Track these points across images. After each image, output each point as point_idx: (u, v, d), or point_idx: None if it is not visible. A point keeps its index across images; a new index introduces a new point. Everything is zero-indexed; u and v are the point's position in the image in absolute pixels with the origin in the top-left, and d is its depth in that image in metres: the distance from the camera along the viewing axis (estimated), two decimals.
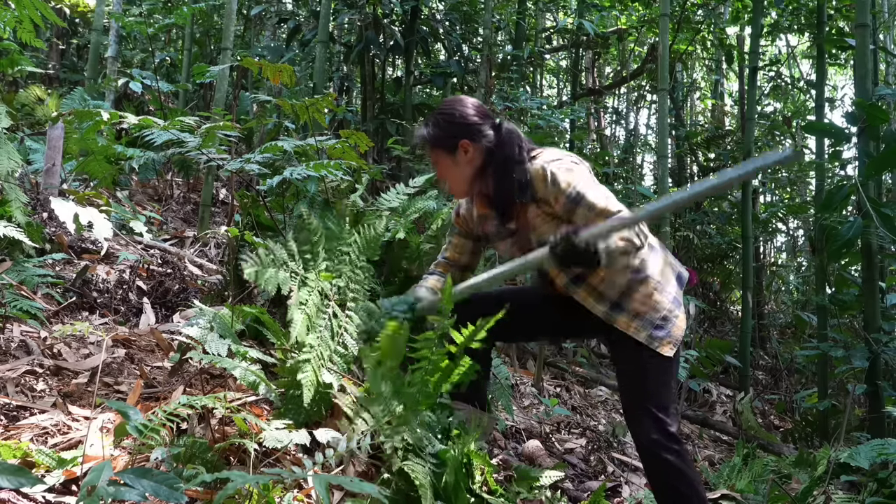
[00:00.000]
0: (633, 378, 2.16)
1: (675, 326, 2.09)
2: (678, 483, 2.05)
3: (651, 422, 2.06)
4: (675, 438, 2.07)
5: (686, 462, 2.07)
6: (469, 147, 2.15)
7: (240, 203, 3.20)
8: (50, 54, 8.06)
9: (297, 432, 1.87)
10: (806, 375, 6.79)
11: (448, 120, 2.18)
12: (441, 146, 2.18)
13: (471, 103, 2.22)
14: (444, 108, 2.23)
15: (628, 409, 2.18)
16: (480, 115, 2.19)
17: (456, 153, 2.16)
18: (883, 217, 3.73)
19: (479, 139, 2.16)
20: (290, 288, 2.20)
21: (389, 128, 6.31)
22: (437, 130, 2.18)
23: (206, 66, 4.05)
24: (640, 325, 2.08)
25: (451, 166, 2.18)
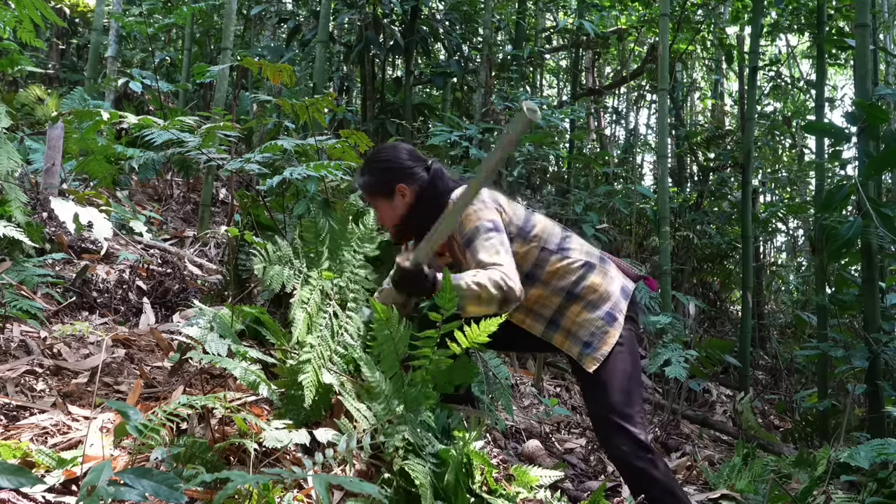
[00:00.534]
0: (586, 393, 2.28)
1: (602, 342, 2.18)
2: (653, 490, 2.11)
3: (616, 433, 2.13)
4: (644, 446, 2.12)
5: (658, 468, 2.12)
6: (406, 190, 2.26)
7: (240, 203, 3.20)
8: (50, 54, 8.06)
9: (297, 432, 1.87)
10: (806, 375, 6.79)
11: (384, 167, 2.29)
12: (379, 192, 2.29)
13: (403, 148, 2.35)
14: (379, 156, 2.34)
15: (593, 421, 2.28)
16: (413, 159, 2.31)
17: (393, 197, 2.27)
18: (883, 217, 3.73)
19: (413, 182, 2.26)
20: (294, 286, 2.21)
21: (389, 128, 6.31)
22: (373, 178, 2.29)
23: (206, 66, 4.05)
24: (572, 342, 2.21)
25: (389, 210, 2.29)
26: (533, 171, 6.73)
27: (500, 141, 1.87)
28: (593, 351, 2.16)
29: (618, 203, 5.98)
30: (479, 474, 2.08)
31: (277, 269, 2.19)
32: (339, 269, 2.39)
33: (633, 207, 5.67)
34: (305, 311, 2.11)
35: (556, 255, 2.22)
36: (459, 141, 4.82)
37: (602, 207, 6.29)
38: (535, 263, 2.21)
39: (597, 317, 2.19)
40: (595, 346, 2.16)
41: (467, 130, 4.91)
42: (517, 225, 2.23)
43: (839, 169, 6.86)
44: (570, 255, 2.23)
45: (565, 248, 2.25)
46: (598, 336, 2.17)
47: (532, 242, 2.22)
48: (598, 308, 2.19)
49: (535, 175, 7.47)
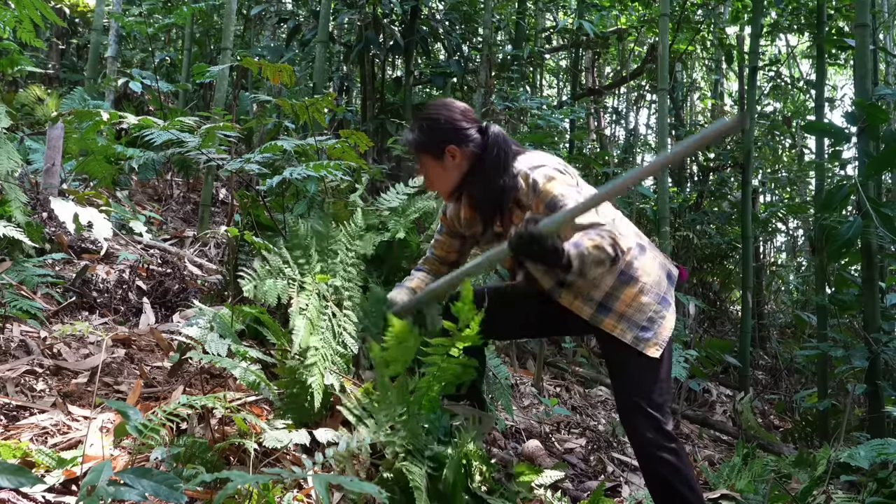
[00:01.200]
0: (623, 378, 2.16)
1: (661, 327, 2.09)
2: (675, 481, 2.06)
3: (645, 420, 2.07)
4: (671, 436, 2.07)
5: (682, 460, 2.07)
6: (456, 152, 2.15)
7: (239, 203, 3.20)
8: (50, 54, 8.05)
9: (297, 432, 1.87)
10: (806, 375, 6.80)
11: (434, 125, 2.17)
12: (428, 151, 2.17)
13: (457, 107, 2.21)
14: (431, 113, 2.21)
15: (622, 408, 2.18)
16: (467, 119, 2.18)
17: (443, 158, 2.16)
18: (883, 217, 3.73)
19: (466, 144, 2.14)
20: (290, 296, 2.20)
21: (389, 128, 6.31)
22: (423, 136, 2.17)
23: (205, 66, 4.05)
24: (626, 326, 2.08)
25: (439, 171, 2.18)
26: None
27: (695, 136, 1.75)
28: (654, 336, 2.07)
29: (618, 203, 5.98)
30: (478, 474, 2.08)
31: (270, 283, 2.16)
32: (333, 270, 2.38)
33: (633, 207, 5.66)
34: (305, 317, 2.11)
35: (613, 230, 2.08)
36: None
37: None
38: None
39: (653, 300, 2.09)
40: (655, 330, 2.07)
41: None
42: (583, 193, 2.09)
43: (839, 169, 6.86)
44: (623, 233, 2.10)
45: (619, 226, 2.12)
46: (657, 321, 2.08)
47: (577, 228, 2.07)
48: (652, 291, 2.10)
49: None
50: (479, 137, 2.16)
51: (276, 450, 1.87)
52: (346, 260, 2.38)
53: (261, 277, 2.16)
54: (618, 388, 2.20)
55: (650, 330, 2.07)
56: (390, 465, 1.85)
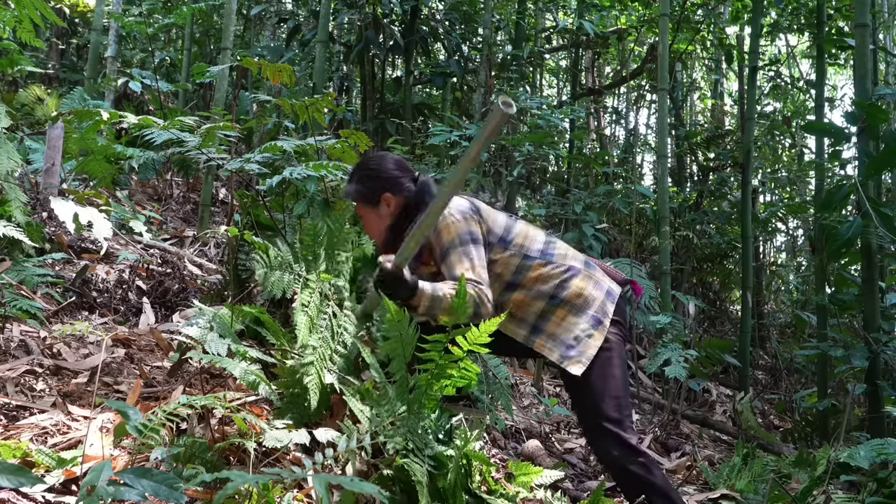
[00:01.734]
0: (573, 399, 2.27)
1: (586, 346, 2.17)
2: (647, 493, 2.11)
3: (606, 438, 2.14)
4: (637, 450, 2.13)
5: (652, 473, 2.13)
6: (391, 200, 2.28)
7: (239, 203, 3.20)
8: (50, 54, 8.05)
9: (297, 432, 1.87)
10: (806, 375, 6.79)
11: (371, 175, 2.31)
12: (366, 200, 2.31)
13: (391, 158, 2.37)
14: (368, 164, 2.36)
15: (583, 429, 2.29)
16: (401, 170, 2.33)
17: (379, 206, 2.29)
18: (882, 217, 3.73)
19: (400, 192, 2.29)
20: (294, 291, 2.21)
21: (389, 128, 6.31)
22: (360, 186, 2.32)
23: (205, 66, 4.06)
24: (553, 345, 2.19)
25: (374, 218, 2.31)
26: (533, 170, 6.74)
27: (476, 136, 1.87)
28: (578, 354, 2.15)
29: (618, 203, 5.98)
30: (478, 474, 2.08)
31: (278, 274, 2.20)
32: (336, 270, 2.39)
33: (633, 207, 5.67)
34: (307, 314, 2.11)
35: (539, 260, 2.23)
36: (459, 141, 4.82)
37: (602, 207, 6.30)
38: (516, 270, 2.22)
39: (582, 321, 2.18)
40: (579, 349, 2.16)
41: (467, 130, 4.91)
42: (497, 234, 2.24)
43: (839, 169, 6.85)
44: (552, 260, 2.24)
45: (548, 254, 2.25)
46: (583, 340, 2.17)
47: (512, 249, 2.23)
48: (583, 312, 2.19)
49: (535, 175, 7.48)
50: (412, 186, 2.31)
51: (276, 450, 1.87)
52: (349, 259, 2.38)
53: (272, 267, 2.18)
54: (575, 409, 2.31)
55: (574, 349, 2.16)
56: (390, 463, 1.85)
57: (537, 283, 2.21)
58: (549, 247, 2.28)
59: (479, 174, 5.27)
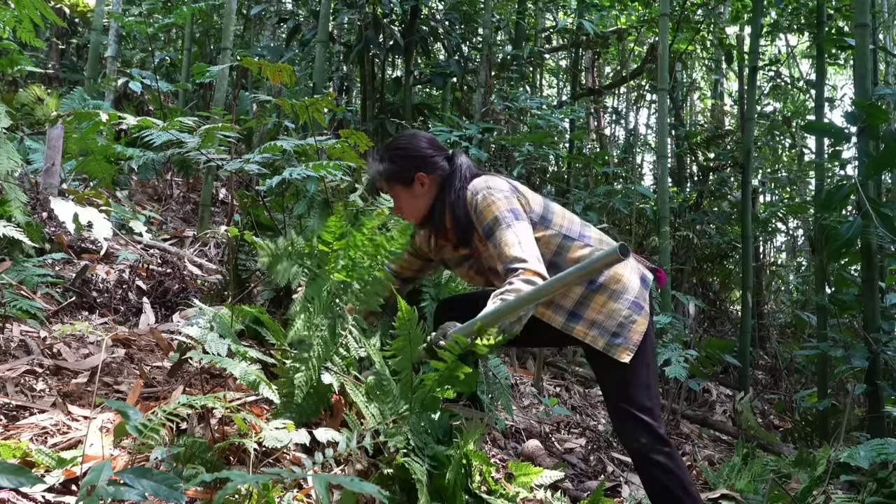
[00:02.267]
0: (607, 385, 2.22)
1: (632, 332, 2.13)
2: (670, 484, 2.10)
3: (635, 425, 2.11)
4: (664, 440, 2.11)
5: (676, 463, 2.11)
6: (425, 179, 2.22)
7: (239, 203, 3.20)
8: (49, 54, 8.05)
9: (296, 432, 1.87)
10: (806, 375, 6.79)
11: (404, 154, 2.25)
12: (398, 180, 2.25)
13: (424, 137, 2.31)
14: (399, 143, 2.30)
15: (612, 415, 2.23)
16: (434, 148, 2.27)
17: (413, 185, 2.23)
18: (882, 217, 3.73)
19: (434, 171, 2.23)
20: (300, 283, 2.19)
21: (389, 127, 6.30)
22: (392, 165, 2.25)
23: (205, 66, 4.06)
24: (597, 333, 2.13)
25: (409, 199, 2.26)
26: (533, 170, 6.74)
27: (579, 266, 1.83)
28: (625, 341, 2.10)
29: (617, 203, 5.98)
30: (478, 474, 2.08)
31: (285, 264, 2.17)
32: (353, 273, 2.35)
33: (633, 207, 5.67)
34: (307, 309, 2.10)
35: (578, 241, 2.17)
36: (459, 141, 4.82)
37: (602, 207, 6.29)
38: (556, 251, 2.15)
39: (623, 306, 2.13)
40: (626, 335, 2.11)
41: (467, 130, 4.91)
42: (538, 212, 2.18)
43: (839, 169, 6.86)
44: (590, 244, 2.18)
45: (585, 236, 2.20)
46: (627, 326, 2.11)
47: (553, 229, 2.17)
48: (622, 297, 2.13)
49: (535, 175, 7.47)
50: (446, 165, 2.25)
51: (276, 450, 1.87)
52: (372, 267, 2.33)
53: (278, 255, 2.16)
54: (605, 396, 2.25)
55: (620, 336, 2.12)
56: (390, 462, 1.85)
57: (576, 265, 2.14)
58: (585, 230, 2.23)
59: None
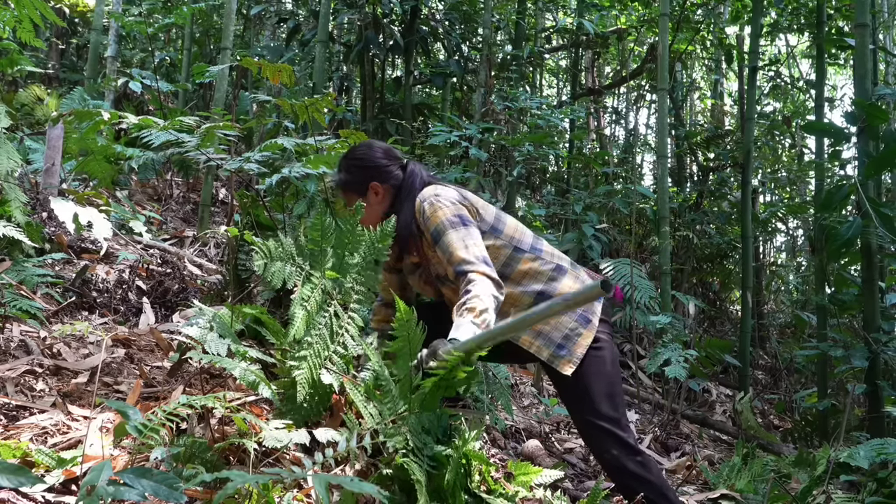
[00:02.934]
0: (564, 399, 2.24)
1: (576, 345, 2.14)
2: (646, 491, 2.09)
3: (603, 437, 2.11)
4: (635, 449, 2.11)
5: (651, 472, 2.11)
6: (379, 188, 2.27)
7: (239, 203, 3.20)
8: (49, 54, 8.06)
9: (296, 432, 1.87)
10: (805, 375, 6.79)
11: (358, 164, 2.30)
12: (353, 190, 2.30)
13: (379, 147, 2.35)
14: (355, 154, 2.35)
15: (578, 429, 2.25)
16: (388, 158, 2.31)
17: (367, 195, 2.28)
18: (882, 217, 3.73)
19: (388, 180, 2.27)
20: (295, 283, 2.20)
21: (389, 127, 6.31)
22: (347, 175, 2.31)
23: (205, 66, 4.06)
24: (542, 343, 2.15)
25: (365, 207, 2.27)
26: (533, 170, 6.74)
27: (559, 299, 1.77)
28: (568, 353, 2.12)
29: (617, 203, 5.98)
30: (477, 474, 2.08)
31: (279, 265, 2.18)
32: (344, 270, 2.37)
33: (633, 207, 5.67)
34: (305, 309, 2.10)
35: (528, 254, 2.20)
36: (459, 141, 4.82)
37: (602, 207, 6.30)
38: (505, 262, 2.18)
39: (570, 319, 2.15)
40: (569, 348, 2.13)
41: (467, 130, 4.91)
42: (488, 222, 2.21)
43: (839, 169, 6.86)
44: (542, 256, 2.21)
45: (537, 249, 2.23)
46: (572, 339, 2.13)
47: (502, 239, 2.20)
48: (571, 311, 2.15)
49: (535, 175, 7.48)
50: (400, 174, 2.29)
51: (275, 450, 1.87)
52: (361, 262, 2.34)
53: (273, 257, 2.16)
54: (570, 409, 2.26)
55: (564, 348, 2.13)
56: (390, 462, 1.85)
57: (526, 279, 2.18)
58: (538, 243, 2.26)
59: (478, 174, 5.27)
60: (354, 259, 2.26)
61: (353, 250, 2.26)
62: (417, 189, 2.24)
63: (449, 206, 2.14)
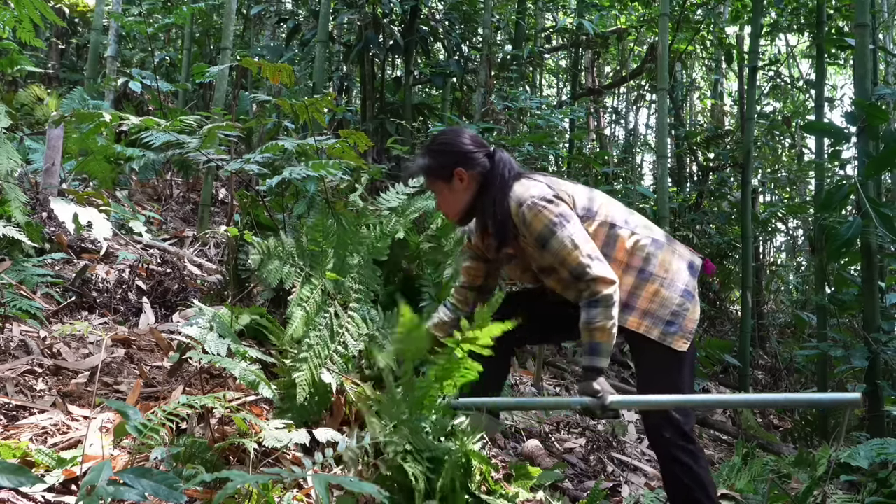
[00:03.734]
0: (650, 376, 2.18)
1: (686, 320, 2.10)
2: (691, 483, 2.07)
3: (664, 420, 2.09)
4: (688, 437, 2.09)
5: (699, 463, 2.08)
6: (464, 175, 2.21)
7: (239, 203, 3.20)
8: (49, 54, 8.05)
9: (296, 432, 1.87)
10: (805, 375, 6.80)
11: (443, 150, 2.25)
12: (437, 175, 2.24)
13: (466, 133, 2.30)
14: (440, 139, 2.31)
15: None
16: (475, 144, 2.26)
17: (452, 181, 2.22)
18: (882, 217, 3.73)
19: (474, 167, 2.22)
20: (293, 283, 2.20)
21: (389, 127, 6.30)
22: (432, 160, 2.25)
23: (205, 66, 4.05)
24: (651, 323, 2.10)
25: (448, 194, 2.25)
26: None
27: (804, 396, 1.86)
28: (679, 330, 2.08)
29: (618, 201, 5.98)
30: (478, 474, 2.08)
31: (276, 264, 2.17)
32: (345, 271, 2.37)
33: (633, 207, 5.66)
34: (304, 309, 2.10)
35: (624, 230, 2.15)
36: None
37: None
38: (605, 242, 2.13)
39: (675, 294, 2.11)
40: (680, 324, 2.09)
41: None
42: (583, 206, 2.16)
43: (839, 169, 6.86)
44: (637, 231, 2.16)
45: (631, 223, 2.17)
46: (681, 314, 2.09)
47: (598, 219, 2.15)
48: (673, 285, 2.11)
49: None
50: (487, 161, 2.23)
51: (275, 450, 1.87)
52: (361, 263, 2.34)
53: (269, 255, 2.16)
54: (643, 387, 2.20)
55: (675, 324, 2.09)
56: (390, 464, 1.85)
57: (627, 256, 2.13)
58: (631, 216, 2.21)
59: None
60: (355, 259, 2.26)
61: (354, 251, 2.26)
62: (508, 180, 2.18)
63: (549, 208, 2.09)
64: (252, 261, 2.12)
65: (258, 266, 2.12)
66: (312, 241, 2.29)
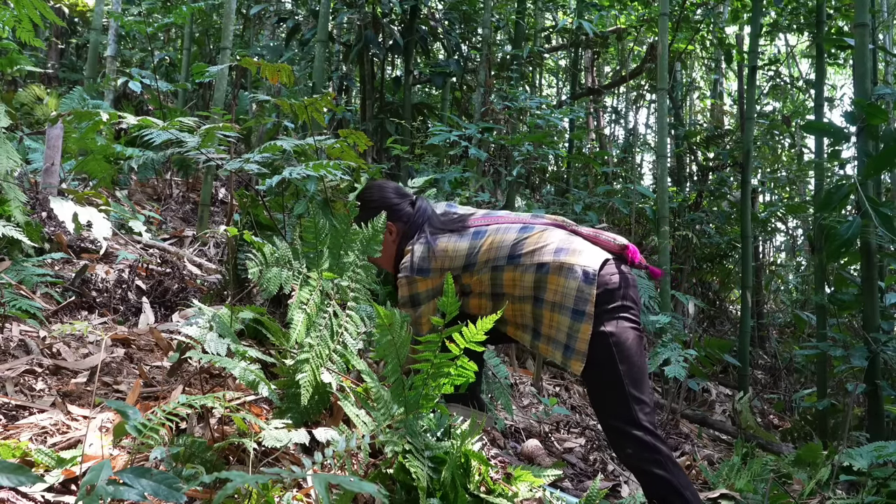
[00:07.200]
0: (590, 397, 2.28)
1: (578, 341, 2.14)
2: (664, 491, 2.09)
3: (620, 436, 2.12)
4: (650, 447, 2.10)
5: (668, 469, 2.10)
6: (393, 227, 2.36)
7: (239, 202, 3.20)
8: (49, 53, 8.05)
9: (296, 432, 1.87)
10: (805, 375, 6.80)
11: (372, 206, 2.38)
12: None
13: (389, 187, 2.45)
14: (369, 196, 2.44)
15: (602, 427, 2.27)
16: (399, 196, 2.40)
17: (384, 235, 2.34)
18: (882, 216, 3.73)
19: (399, 219, 2.37)
20: (293, 287, 2.20)
21: (388, 127, 6.31)
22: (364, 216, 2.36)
23: (205, 66, 4.05)
24: (553, 347, 2.19)
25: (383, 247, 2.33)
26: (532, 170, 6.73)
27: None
28: (573, 353, 2.14)
29: (617, 203, 5.99)
30: (477, 474, 2.08)
31: (275, 270, 2.18)
32: (340, 270, 2.37)
33: (633, 207, 5.67)
34: (304, 311, 2.11)
35: (508, 266, 2.22)
36: (459, 140, 4.82)
37: (601, 207, 6.30)
38: (492, 283, 2.25)
39: (565, 317, 2.15)
40: (573, 346, 2.13)
41: (467, 130, 4.91)
42: (461, 264, 2.27)
43: (838, 168, 6.86)
44: (520, 262, 2.21)
45: (516, 256, 2.22)
46: (573, 336, 2.14)
47: (480, 269, 2.25)
48: (563, 307, 2.15)
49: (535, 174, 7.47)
50: (410, 210, 2.38)
51: (275, 449, 1.87)
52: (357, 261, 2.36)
53: (267, 263, 2.17)
54: (594, 406, 2.30)
55: (569, 347, 2.16)
56: (390, 464, 1.85)
57: (516, 289, 2.22)
58: (518, 247, 2.23)
59: (478, 174, 5.27)
60: (350, 258, 2.28)
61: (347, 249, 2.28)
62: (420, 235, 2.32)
63: (404, 286, 2.30)
64: (251, 273, 2.13)
65: (257, 276, 2.13)
66: (307, 242, 2.30)
